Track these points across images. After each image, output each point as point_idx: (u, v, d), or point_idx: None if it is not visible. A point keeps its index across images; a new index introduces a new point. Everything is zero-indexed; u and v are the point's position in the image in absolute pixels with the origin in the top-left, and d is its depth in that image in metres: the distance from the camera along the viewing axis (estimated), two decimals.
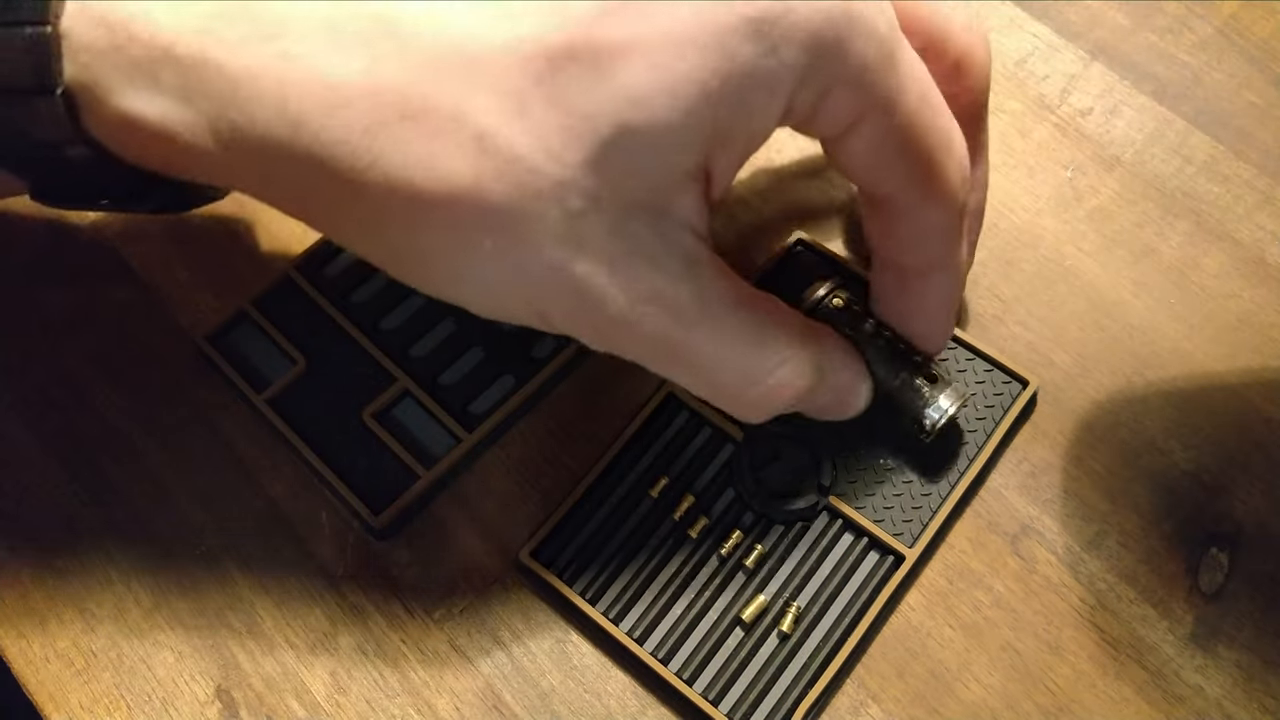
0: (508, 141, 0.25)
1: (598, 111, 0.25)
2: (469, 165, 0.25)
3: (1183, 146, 0.42)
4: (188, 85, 0.26)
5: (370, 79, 0.25)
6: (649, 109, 0.25)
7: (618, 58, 0.24)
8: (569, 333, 0.29)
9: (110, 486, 0.38)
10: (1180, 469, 0.37)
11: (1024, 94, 0.44)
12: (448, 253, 0.26)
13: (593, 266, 0.26)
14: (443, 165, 0.25)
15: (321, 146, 0.25)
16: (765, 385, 0.30)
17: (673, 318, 0.27)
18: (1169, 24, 0.45)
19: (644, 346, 0.28)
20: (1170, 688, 0.33)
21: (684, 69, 0.24)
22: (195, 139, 0.27)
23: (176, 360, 0.40)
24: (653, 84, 0.24)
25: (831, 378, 0.32)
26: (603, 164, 0.25)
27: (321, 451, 0.37)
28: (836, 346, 0.33)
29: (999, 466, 0.37)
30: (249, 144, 0.26)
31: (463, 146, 0.25)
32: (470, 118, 0.25)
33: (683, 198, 0.27)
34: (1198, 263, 0.40)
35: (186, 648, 0.35)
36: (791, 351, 0.30)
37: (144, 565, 0.37)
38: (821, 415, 0.34)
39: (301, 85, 0.25)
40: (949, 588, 0.35)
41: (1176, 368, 0.38)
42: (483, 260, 0.26)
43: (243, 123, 0.26)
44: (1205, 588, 0.35)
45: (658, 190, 0.26)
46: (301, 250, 0.41)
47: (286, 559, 0.37)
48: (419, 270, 0.28)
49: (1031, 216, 0.41)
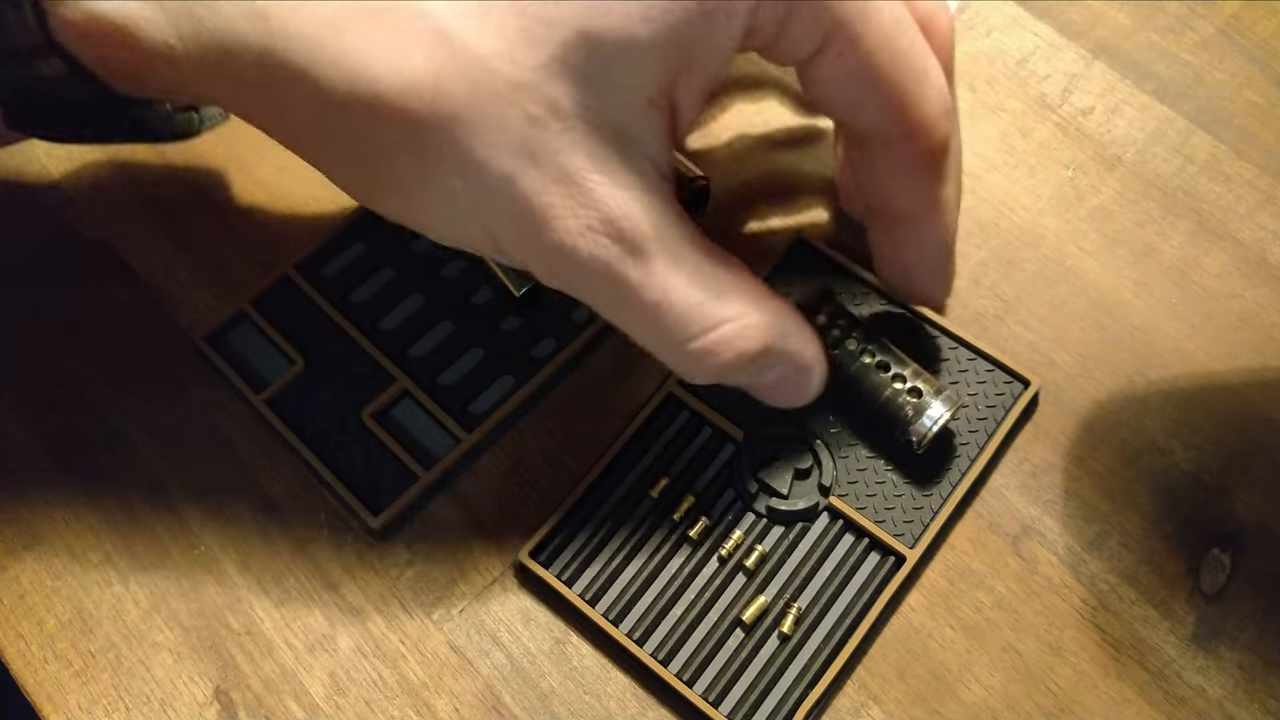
0: (467, 40, 0.25)
1: (560, 17, 0.24)
2: (428, 62, 0.25)
3: (1184, 146, 0.42)
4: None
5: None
6: (611, 18, 0.24)
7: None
8: (521, 261, 0.28)
9: (109, 487, 0.38)
10: (1181, 469, 0.36)
11: (1025, 93, 0.44)
12: (404, 158, 0.26)
13: (545, 182, 0.25)
14: (404, 61, 0.25)
15: (285, 39, 0.25)
16: (711, 338, 0.28)
17: (625, 249, 0.26)
18: (1170, 23, 0.45)
19: (592, 280, 0.27)
20: (1172, 689, 0.33)
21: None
22: (161, 38, 0.27)
23: (176, 360, 0.40)
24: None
25: (783, 351, 0.29)
26: (563, 71, 0.25)
27: (320, 452, 0.37)
28: (796, 322, 0.30)
29: (1000, 467, 0.37)
30: (213, 41, 0.26)
31: (423, 43, 0.25)
32: (433, 15, 0.25)
33: (646, 125, 0.26)
34: (1199, 262, 0.40)
35: (185, 649, 0.35)
36: (747, 309, 0.28)
37: (142, 566, 0.37)
38: (770, 397, 0.32)
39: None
40: (950, 589, 0.35)
41: (1178, 367, 0.38)
42: (439, 169, 0.26)
43: (206, 17, 0.26)
44: (1207, 588, 0.35)
45: (620, 110, 0.26)
46: (301, 251, 0.41)
47: (285, 560, 0.37)
48: (376, 183, 0.28)
49: (1033, 216, 0.41)
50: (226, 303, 0.40)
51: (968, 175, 0.42)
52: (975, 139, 0.43)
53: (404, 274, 0.41)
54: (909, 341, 0.38)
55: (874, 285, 0.39)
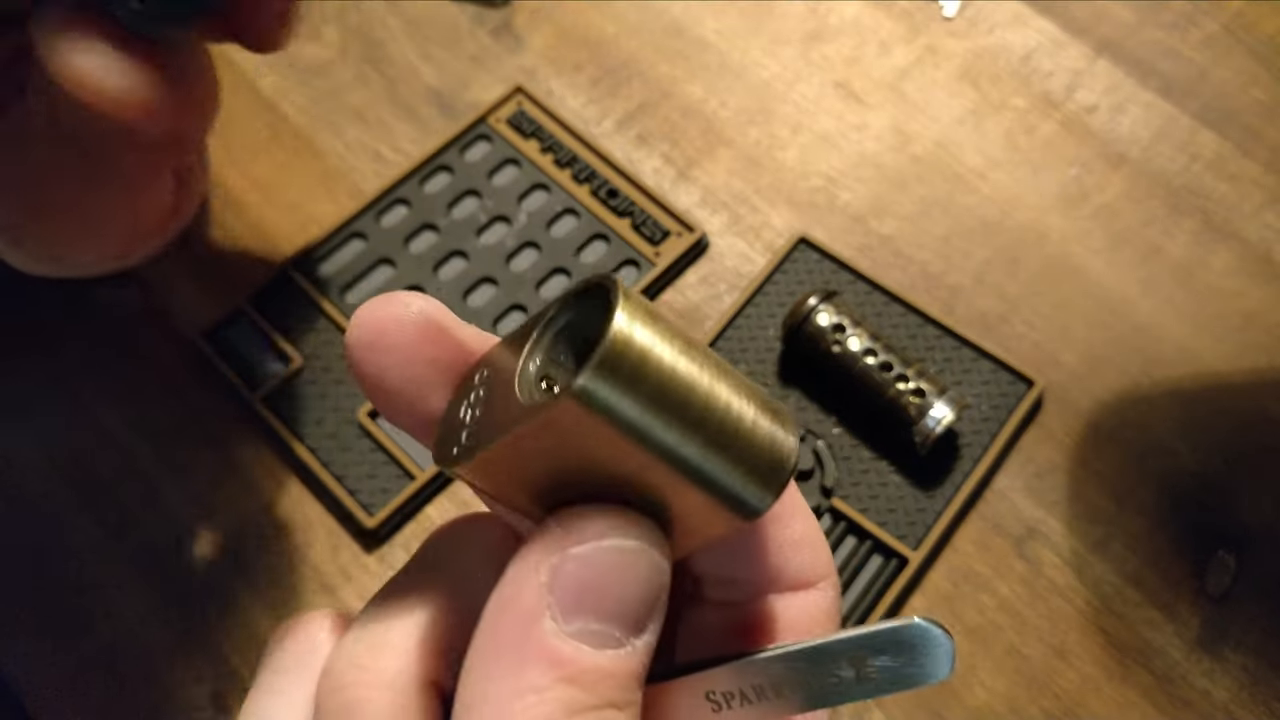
0: None
1: None
2: None
3: (1189, 144, 0.42)
4: None
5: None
6: None
7: None
8: None
9: (104, 489, 0.37)
10: (1187, 470, 0.36)
11: (1029, 90, 0.43)
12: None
13: None
14: None
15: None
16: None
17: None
18: (1175, 20, 0.45)
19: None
20: (1177, 692, 0.33)
21: None
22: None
23: (172, 358, 0.39)
24: None
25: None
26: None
27: (317, 452, 0.37)
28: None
29: (1005, 468, 0.36)
30: None
31: None
32: None
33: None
34: (1205, 261, 0.40)
35: (180, 652, 0.35)
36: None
37: (138, 569, 0.36)
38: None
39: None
40: (954, 591, 0.35)
41: (1183, 367, 0.38)
42: None
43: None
44: (1212, 590, 0.34)
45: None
46: (298, 248, 0.41)
47: (280, 562, 0.36)
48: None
49: (1037, 214, 0.41)
50: (223, 300, 0.40)
51: (972, 173, 0.42)
52: (979, 136, 0.43)
53: (402, 272, 0.40)
54: (912, 342, 0.38)
55: (877, 285, 0.39)
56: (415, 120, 0.44)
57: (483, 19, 0.47)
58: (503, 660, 0.18)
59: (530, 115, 0.44)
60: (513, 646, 0.18)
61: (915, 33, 0.45)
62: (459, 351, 0.19)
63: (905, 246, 0.41)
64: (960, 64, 0.44)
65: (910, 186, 0.42)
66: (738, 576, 0.21)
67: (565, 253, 0.41)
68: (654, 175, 0.43)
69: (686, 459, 0.17)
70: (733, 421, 0.17)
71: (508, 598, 0.18)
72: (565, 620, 0.17)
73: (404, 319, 0.19)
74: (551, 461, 0.17)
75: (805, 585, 0.21)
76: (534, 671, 0.17)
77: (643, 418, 0.16)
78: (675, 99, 0.44)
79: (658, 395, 0.16)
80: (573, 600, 0.17)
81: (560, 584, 0.17)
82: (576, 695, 0.17)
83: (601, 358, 0.16)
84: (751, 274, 0.40)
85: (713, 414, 0.17)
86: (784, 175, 0.42)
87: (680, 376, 0.17)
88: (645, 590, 0.18)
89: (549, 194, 0.42)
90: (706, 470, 0.17)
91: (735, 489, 0.17)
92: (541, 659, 0.17)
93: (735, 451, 0.17)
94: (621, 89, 0.45)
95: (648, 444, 0.17)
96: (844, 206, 0.41)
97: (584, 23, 0.46)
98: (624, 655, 0.18)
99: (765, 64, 0.45)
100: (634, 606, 0.18)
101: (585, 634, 0.17)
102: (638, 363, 0.16)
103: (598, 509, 0.18)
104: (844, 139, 0.43)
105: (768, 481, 0.18)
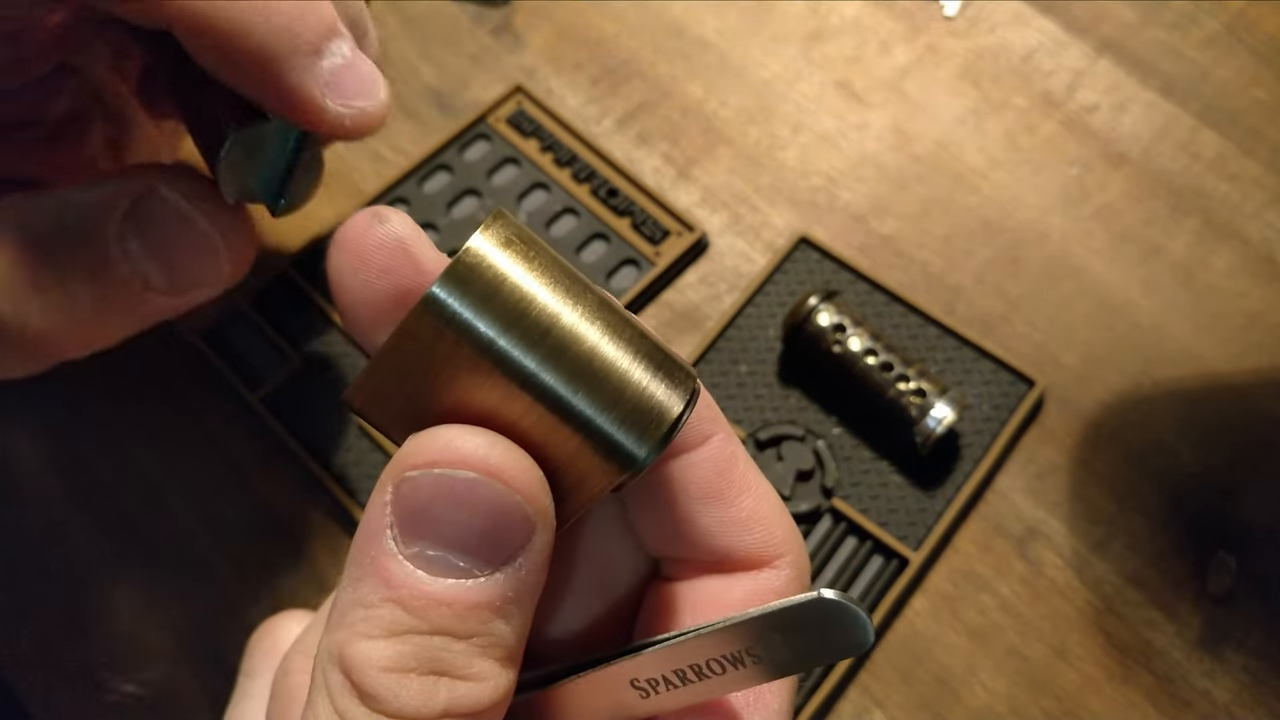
0: None
1: None
2: None
3: (1190, 143, 0.42)
4: None
5: None
6: None
7: None
8: None
9: (103, 489, 0.37)
10: (1188, 470, 0.36)
11: (1030, 89, 0.43)
12: None
13: None
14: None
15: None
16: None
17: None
18: (1176, 19, 0.45)
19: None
20: (1178, 692, 0.33)
21: None
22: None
23: (172, 358, 0.39)
24: None
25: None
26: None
27: (316, 451, 0.37)
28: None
29: (1006, 468, 0.36)
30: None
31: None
32: None
33: None
34: (1206, 261, 0.39)
35: (180, 652, 0.35)
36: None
37: (137, 569, 0.36)
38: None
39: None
40: (955, 591, 0.35)
41: (1185, 368, 0.38)
42: None
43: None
44: (1213, 591, 0.34)
45: None
46: (298, 248, 0.40)
47: (280, 562, 0.36)
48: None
49: (1038, 214, 0.41)
50: (224, 301, 0.40)
51: (973, 172, 0.42)
52: (980, 136, 0.43)
53: None
54: (913, 342, 0.38)
55: (877, 285, 0.39)
56: (415, 119, 0.44)
57: (483, 18, 0.47)
58: (350, 571, 0.18)
59: (530, 114, 0.43)
60: (356, 560, 0.17)
61: (916, 32, 0.45)
62: (415, 272, 0.19)
63: (906, 246, 0.40)
64: (961, 63, 0.44)
65: (911, 186, 0.42)
66: (688, 556, 0.21)
67: (565, 252, 0.41)
68: (654, 175, 0.43)
69: (548, 390, 0.17)
70: (602, 359, 0.17)
71: (365, 513, 0.18)
72: (404, 542, 0.17)
73: (372, 229, 0.19)
74: (425, 387, 0.17)
75: (760, 564, 0.21)
76: (366, 587, 0.17)
77: (497, 337, 0.17)
78: (675, 98, 0.44)
79: (514, 317, 0.17)
80: (410, 522, 0.17)
81: (399, 504, 0.17)
82: (402, 618, 0.17)
83: (450, 268, 0.16)
84: (752, 274, 0.40)
85: (578, 346, 0.17)
86: (784, 175, 0.42)
87: (543, 303, 0.17)
88: (492, 522, 0.17)
89: (549, 193, 0.42)
90: (572, 406, 0.17)
91: (605, 432, 0.17)
92: (374, 576, 0.17)
93: (605, 392, 0.17)
94: (621, 88, 0.45)
95: (504, 367, 0.17)
96: (844, 206, 0.41)
97: (584, 22, 0.46)
98: (469, 586, 0.17)
99: (766, 63, 0.45)
100: (479, 538, 0.17)
101: (422, 558, 0.17)
102: (491, 280, 0.17)
103: (449, 429, 0.17)
104: (844, 138, 0.43)
105: (644, 430, 0.17)
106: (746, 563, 0.21)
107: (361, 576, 0.17)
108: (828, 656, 0.17)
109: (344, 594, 0.18)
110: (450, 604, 0.17)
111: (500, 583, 0.17)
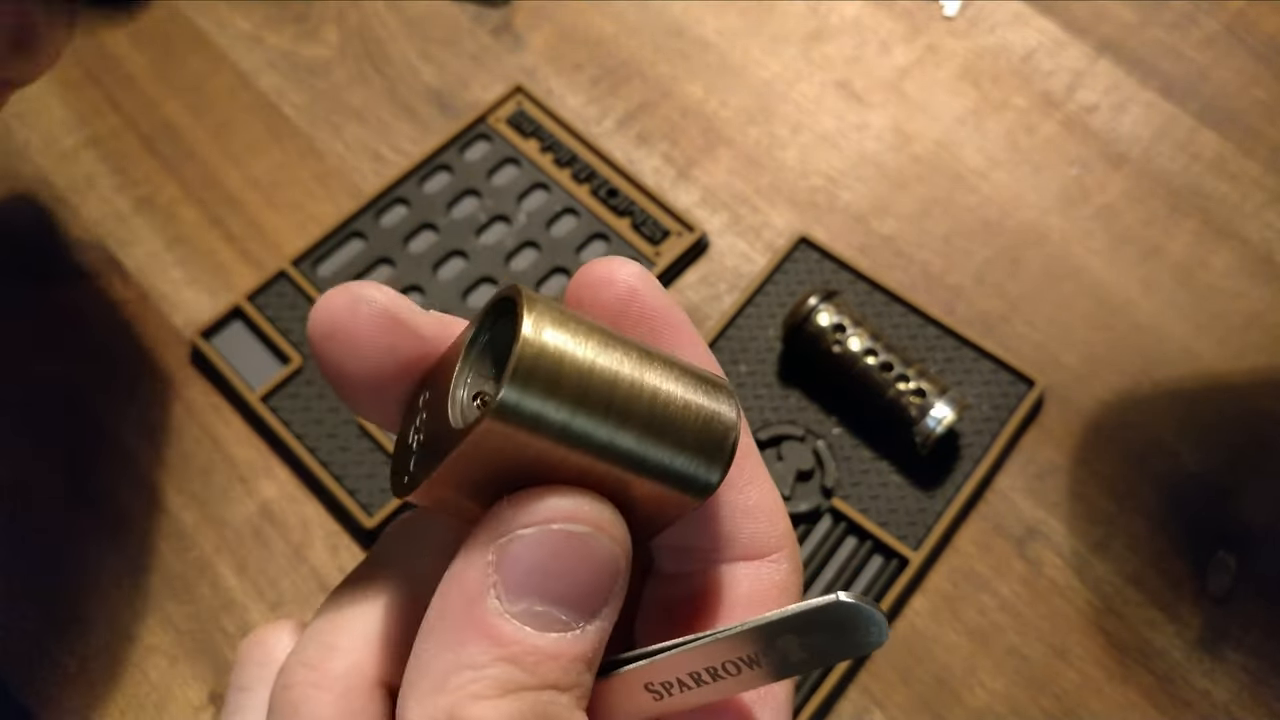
0: None
1: None
2: None
3: (1190, 143, 0.42)
4: None
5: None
6: None
7: None
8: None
9: (102, 489, 0.37)
10: (1188, 470, 0.36)
11: (1030, 89, 0.43)
12: None
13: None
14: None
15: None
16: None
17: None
18: (1176, 20, 0.45)
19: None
20: (1178, 692, 0.33)
21: None
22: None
23: (170, 358, 0.39)
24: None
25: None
26: None
27: (315, 451, 0.37)
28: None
29: (1005, 468, 0.36)
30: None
31: None
32: None
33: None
34: (1206, 261, 0.40)
35: (180, 652, 0.35)
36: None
37: (136, 569, 0.36)
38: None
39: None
40: (954, 591, 0.35)
41: (1184, 368, 0.38)
42: None
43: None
44: (1213, 591, 0.34)
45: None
46: (298, 248, 0.40)
47: (279, 562, 0.36)
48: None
49: (1038, 214, 0.41)
50: (221, 300, 0.40)
51: (972, 172, 0.42)
52: (980, 136, 0.43)
53: (401, 272, 0.40)
54: (913, 342, 0.38)
55: (877, 285, 0.39)
56: (415, 120, 0.44)
57: (483, 18, 0.47)
58: (445, 636, 0.17)
59: (530, 115, 0.43)
60: (455, 623, 0.17)
61: (916, 32, 0.45)
62: (416, 341, 0.19)
63: (906, 246, 0.40)
64: (961, 63, 0.44)
65: (911, 186, 0.42)
66: (690, 544, 0.21)
67: (565, 252, 0.41)
68: (654, 175, 0.43)
69: (624, 453, 0.17)
70: (663, 407, 0.17)
71: (455, 575, 0.18)
72: (509, 600, 0.17)
73: (358, 310, 0.18)
74: (497, 474, 0.17)
75: (759, 555, 0.21)
76: (474, 648, 0.17)
77: (570, 421, 0.16)
78: (675, 98, 0.44)
79: (580, 396, 0.16)
80: (517, 581, 0.17)
81: (506, 564, 0.17)
82: (515, 675, 0.17)
83: (514, 369, 0.16)
84: (751, 274, 0.40)
85: (640, 404, 0.17)
86: (784, 175, 0.42)
87: (600, 373, 0.17)
88: (595, 574, 0.18)
89: (549, 193, 0.42)
90: (647, 460, 0.17)
91: (680, 471, 0.17)
92: (482, 636, 0.17)
93: (672, 436, 0.17)
94: (621, 88, 0.45)
95: (581, 446, 0.17)
96: (844, 206, 0.41)
97: (584, 22, 0.46)
98: (570, 639, 0.17)
99: (766, 64, 0.45)
100: (583, 590, 0.17)
101: (529, 615, 0.17)
102: (553, 368, 0.16)
103: (550, 490, 0.18)
104: (844, 139, 0.43)
105: (712, 458, 0.17)
106: (747, 552, 0.21)
107: (464, 640, 0.17)
108: (842, 655, 0.18)
109: (438, 659, 0.17)
110: (558, 658, 0.17)
111: (595, 632, 0.18)
